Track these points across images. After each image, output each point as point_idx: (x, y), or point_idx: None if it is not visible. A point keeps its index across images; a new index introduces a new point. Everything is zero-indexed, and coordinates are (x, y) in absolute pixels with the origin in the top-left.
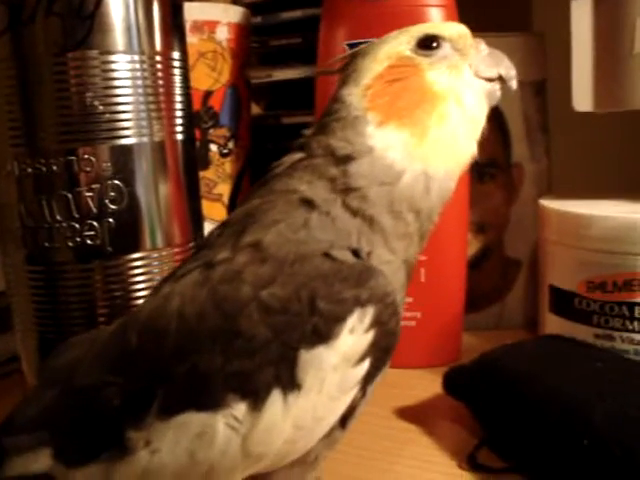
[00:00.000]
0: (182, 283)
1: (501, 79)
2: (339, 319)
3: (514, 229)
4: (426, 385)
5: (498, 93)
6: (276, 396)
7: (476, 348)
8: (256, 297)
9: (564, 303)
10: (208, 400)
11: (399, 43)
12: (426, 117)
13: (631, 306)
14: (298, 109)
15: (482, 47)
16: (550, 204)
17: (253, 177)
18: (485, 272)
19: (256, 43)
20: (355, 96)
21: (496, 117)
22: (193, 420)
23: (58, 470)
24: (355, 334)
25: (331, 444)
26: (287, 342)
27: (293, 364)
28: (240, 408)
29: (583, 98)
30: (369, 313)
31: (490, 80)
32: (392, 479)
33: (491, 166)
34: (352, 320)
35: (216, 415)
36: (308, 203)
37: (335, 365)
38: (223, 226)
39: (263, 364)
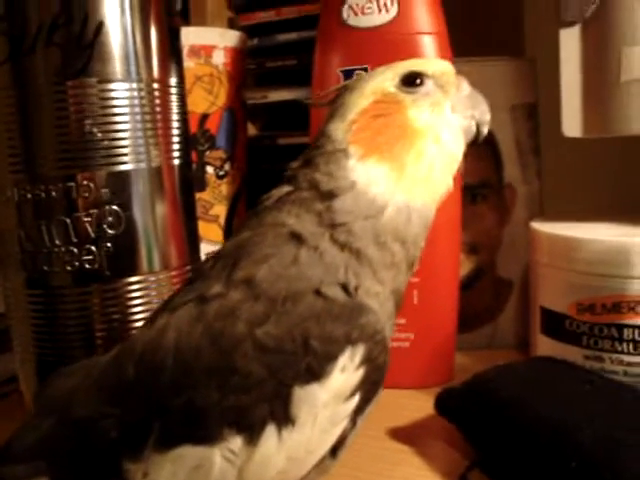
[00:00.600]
0: (177, 316)
1: (474, 120)
2: (331, 358)
3: (506, 250)
4: (419, 406)
5: (473, 130)
6: (271, 431)
7: (469, 368)
8: (251, 335)
9: (555, 324)
10: (205, 434)
11: (384, 79)
12: (405, 153)
13: (620, 328)
14: (294, 130)
15: (464, 86)
16: (541, 227)
17: (249, 198)
18: (478, 292)
19: (252, 65)
20: (340, 130)
21: (488, 140)
22: (190, 453)
23: None
24: (346, 372)
25: (323, 472)
26: (282, 380)
27: (287, 401)
28: (236, 442)
29: (572, 124)
30: (360, 351)
31: (466, 118)
32: None
33: (483, 187)
34: (343, 359)
35: (213, 448)
36: (297, 237)
37: (327, 401)
38: (215, 257)
39: (258, 400)
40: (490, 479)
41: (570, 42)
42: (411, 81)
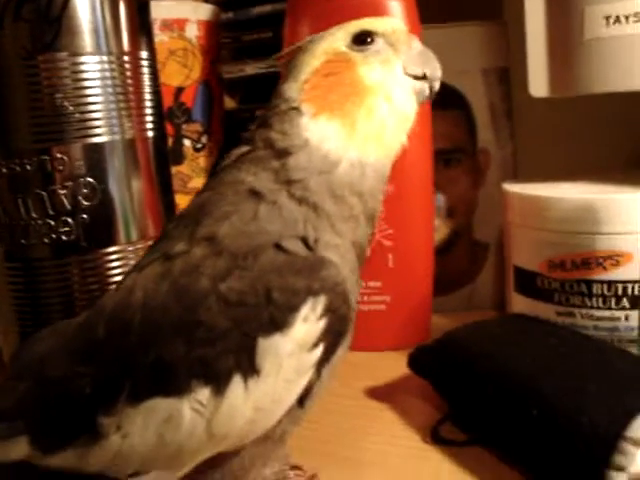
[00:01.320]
0: (144, 275)
1: (426, 78)
2: (293, 309)
3: (482, 213)
4: (395, 366)
5: (427, 92)
6: (237, 381)
7: (446, 329)
8: (215, 290)
9: (528, 283)
10: (174, 386)
11: (336, 39)
12: (355, 109)
13: (589, 283)
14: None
15: (415, 44)
16: (512, 188)
17: None
18: (455, 256)
19: (228, 38)
20: (293, 90)
21: (461, 104)
22: (160, 405)
23: (35, 456)
24: (309, 322)
25: (293, 422)
26: (246, 331)
27: (252, 351)
28: (204, 393)
29: (539, 84)
30: (321, 302)
31: (417, 78)
32: (361, 454)
33: (457, 152)
34: (305, 309)
35: (182, 400)
36: (256, 194)
37: (291, 351)
38: (178, 218)
39: (224, 352)
40: (461, 430)
41: (535, 4)
42: (362, 40)
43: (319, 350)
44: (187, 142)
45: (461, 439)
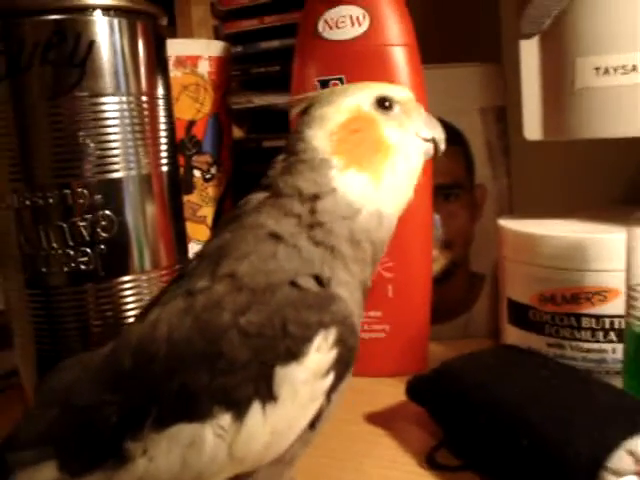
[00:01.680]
0: (167, 310)
1: (433, 141)
2: (307, 340)
3: (478, 245)
4: (393, 392)
5: (431, 151)
6: (256, 407)
7: (444, 357)
8: (235, 323)
9: (520, 315)
10: (197, 413)
11: (360, 99)
12: (380, 165)
13: (578, 317)
14: (278, 133)
15: (422, 112)
16: (507, 224)
17: (235, 199)
18: (452, 286)
19: (237, 71)
20: (321, 140)
21: (460, 141)
22: (184, 430)
23: (64, 479)
24: (321, 352)
25: (304, 445)
26: (264, 361)
27: (270, 380)
28: (225, 419)
29: (533, 127)
30: (332, 334)
31: (425, 140)
32: (361, 478)
33: (456, 187)
34: (318, 340)
35: (204, 425)
36: (275, 236)
37: (305, 379)
38: (199, 257)
39: (244, 380)
40: (455, 457)
41: (530, 52)
42: (383, 104)
43: (330, 378)
44: (197, 173)
45: (455, 464)
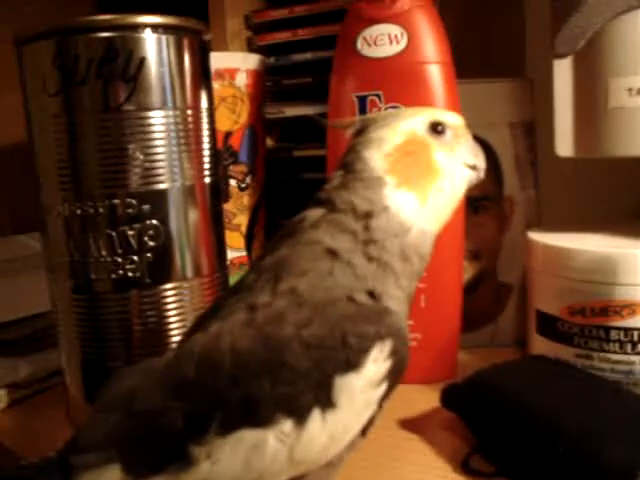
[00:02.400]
0: (229, 323)
1: (475, 167)
2: (365, 351)
3: (506, 256)
4: (426, 399)
5: (474, 179)
6: (316, 414)
7: (471, 365)
8: (297, 335)
9: (548, 326)
10: (260, 419)
11: (415, 123)
12: (429, 187)
13: (607, 329)
14: (308, 143)
15: (469, 139)
16: (536, 237)
17: (267, 207)
18: (480, 295)
19: (270, 82)
20: (377, 160)
21: (490, 155)
22: (248, 436)
23: None
24: (377, 363)
25: (351, 449)
26: (325, 371)
27: (329, 388)
28: (287, 424)
29: (565, 145)
30: (387, 345)
31: (469, 167)
32: None
33: (485, 199)
34: (375, 352)
35: (267, 431)
36: (332, 253)
37: (362, 388)
38: (257, 272)
39: (305, 389)
40: (489, 462)
41: (563, 72)
42: (436, 128)
43: (383, 386)
44: (233, 182)
45: (490, 471)
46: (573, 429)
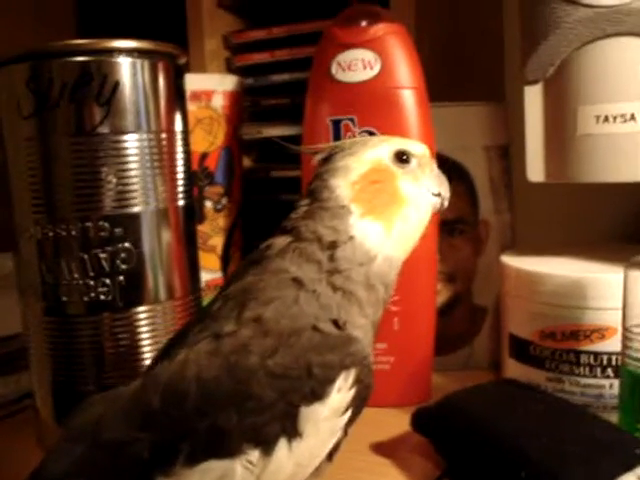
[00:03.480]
0: (196, 352)
1: (439, 195)
2: (330, 381)
3: (481, 279)
4: (398, 423)
5: (438, 206)
6: (283, 443)
7: (446, 388)
8: (263, 365)
9: (521, 349)
10: (227, 449)
11: (381, 152)
12: (394, 215)
13: (577, 353)
14: (286, 163)
15: (434, 168)
16: (509, 261)
17: (244, 228)
18: (455, 318)
19: (248, 102)
20: (344, 189)
21: (465, 178)
22: (215, 466)
23: None
24: (342, 392)
25: (319, 474)
26: (290, 401)
27: (295, 418)
28: (254, 454)
29: (536, 170)
30: (352, 374)
31: (434, 195)
32: None
33: (460, 222)
34: (339, 381)
35: (234, 461)
36: (298, 282)
37: (327, 417)
38: (223, 299)
39: (272, 419)
40: None
41: (533, 98)
42: (401, 157)
43: (348, 414)
44: (208, 203)
45: None
46: (537, 454)
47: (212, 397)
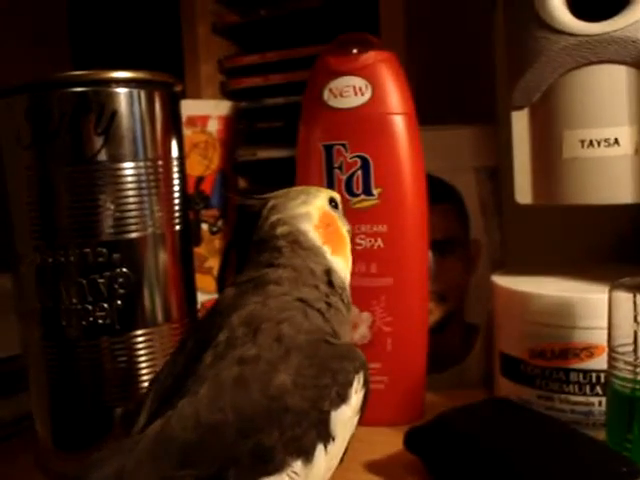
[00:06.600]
0: (220, 381)
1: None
2: (350, 384)
3: (473, 298)
4: (391, 442)
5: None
6: (320, 449)
7: (439, 406)
8: (292, 380)
9: (512, 368)
10: (273, 465)
11: (323, 200)
12: (346, 250)
13: (566, 372)
14: (280, 185)
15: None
16: (500, 280)
17: (239, 250)
18: (447, 337)
19: (243, 125)
20: (313, 232)
21: (456, 199)
22: None
23: None
24: (357, 393)
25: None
26: (321, 408)
27: (327, 423)
28: (297, 464)
29: (524, 192)
30: (361, 377)
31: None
32: None
33: (451, 242)
34: (355, 384)
35: (282, 475)
36: (303, 301)
37: (350, 416)
38: (230, 329)
39: (308, 428)
40: None
41: (520, 122)
42: (333, 203)
43: (360, 414)
44: (204, 226)
45: None
46: (526, 472)
47: (251, 420)
